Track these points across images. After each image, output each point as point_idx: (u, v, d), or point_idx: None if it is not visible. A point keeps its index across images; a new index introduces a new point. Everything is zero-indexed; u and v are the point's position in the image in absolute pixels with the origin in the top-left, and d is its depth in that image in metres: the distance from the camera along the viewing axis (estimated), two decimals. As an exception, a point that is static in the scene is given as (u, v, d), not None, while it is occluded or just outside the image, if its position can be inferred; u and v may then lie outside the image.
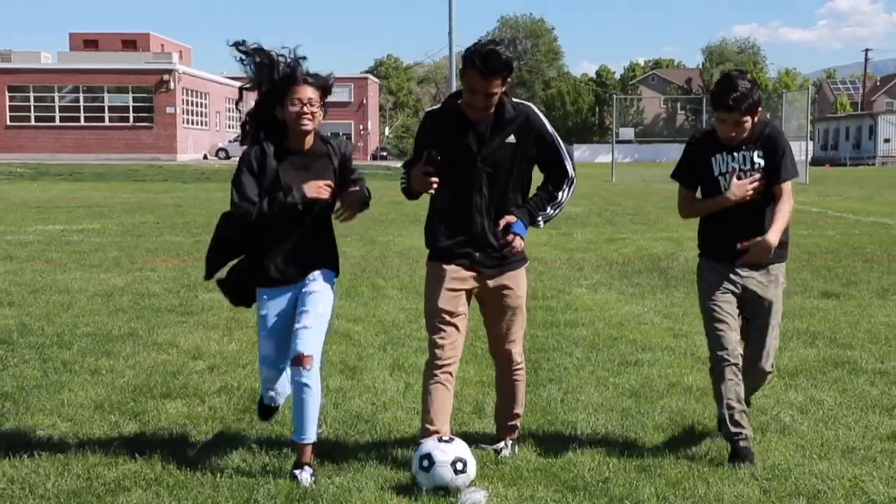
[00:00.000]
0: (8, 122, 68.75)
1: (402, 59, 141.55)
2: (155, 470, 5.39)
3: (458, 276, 5.35)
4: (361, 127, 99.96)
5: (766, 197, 5.50)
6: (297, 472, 5.19)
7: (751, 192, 5.46)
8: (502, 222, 5.30)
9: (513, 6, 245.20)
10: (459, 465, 4.91)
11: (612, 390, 7.12)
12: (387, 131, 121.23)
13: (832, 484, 5.14)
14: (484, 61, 5.03)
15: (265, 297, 5.37)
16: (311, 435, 5.27)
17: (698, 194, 5.76)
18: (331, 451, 5.74)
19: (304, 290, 5.33)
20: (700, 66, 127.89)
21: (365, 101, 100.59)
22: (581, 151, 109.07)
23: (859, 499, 4.98)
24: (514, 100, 5.30)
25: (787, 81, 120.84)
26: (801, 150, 50.44)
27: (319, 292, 5.31)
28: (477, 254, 5.34)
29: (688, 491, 5.04)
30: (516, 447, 5.66)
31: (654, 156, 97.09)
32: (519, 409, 5.72)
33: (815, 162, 68.80)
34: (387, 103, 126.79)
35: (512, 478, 5.25)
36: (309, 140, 5.31)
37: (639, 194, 35.34)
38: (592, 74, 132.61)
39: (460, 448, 5.04)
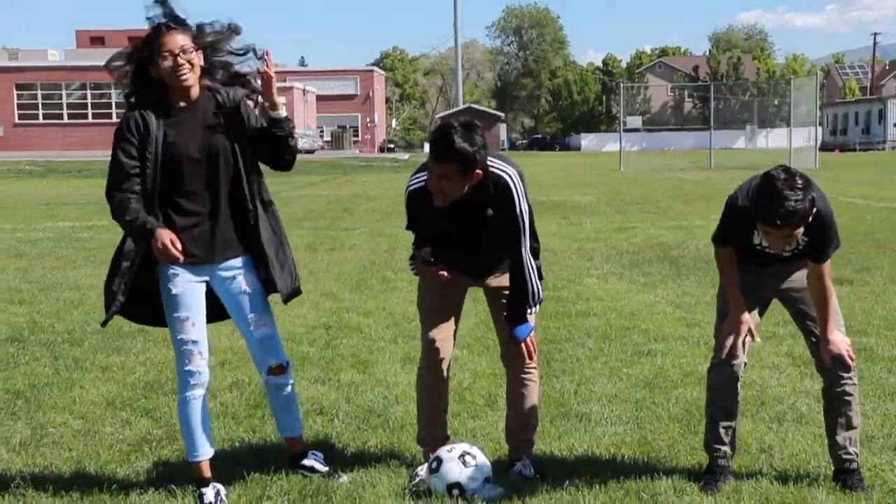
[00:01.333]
0: (16, 120, 68.93)
1: (408, 50, 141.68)
2: (167, 467, 5.37)
3: (454, 275, 5.16)
4: (368, 119, 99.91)
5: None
6: (306, 462, 5.15)
7: None
8: (507, 334, 5.12)
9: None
10: (468, 458, 4.85)
11: (625, 381, 7.07)
12: (394, 123, 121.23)
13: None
14: (433, 141, 4.71)
15: (172, 272, 4.78)
16: (301, 425, 5.28)
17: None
18: (343, 446, 5.71)
19: (235, 288, 4.92)
20: (707, 54, 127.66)
21: (371, 94, 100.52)
22: (588, 140, 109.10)
23: (880, 488, 4.92)
24: (495, 169, 4.87)
25: (794, 67, 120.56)
26: (810, 136, 50.36)
27: (255, 291, 4.95)
28: (471, 270, 5.21)
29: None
30: (532, 467, 5.21)
31: (662, 144, 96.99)
32: (533, 422, 5.34)
33: (825, 147, 68.61)
34: (393, 95, 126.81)
35: (527, 471, 5.20)
36: (193, 93, 4.77)
37: (647, 183, 35.26)
38: (599, 63, 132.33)
39: (466, 445, 5.00)
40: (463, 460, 4.84)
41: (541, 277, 5.07)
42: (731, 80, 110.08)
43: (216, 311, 5.01)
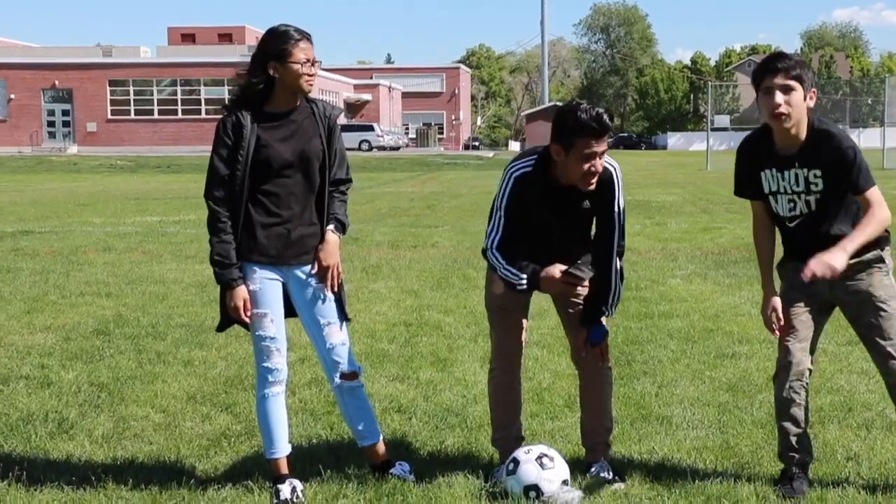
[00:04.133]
0: (109, 116, 70.35)
1: (494, 48, 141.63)
2: (245, 462, 5.40)
3: None
4: (453, 117, 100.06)
5: (835, 208, 4.76)
6: (394, 471, 5.06)
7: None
8: (581, 338, 5.09)
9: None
10: (545, 460, 4.79)
11: (708, 384, 6.94)
12: (479, 121, 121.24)
13: (943, 485, 4.91)
14: (599, 121, 4.65)
15: (250, 269, 4.83)
16: (379, 430, 5.20)
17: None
18: (420, 445, 5.68)
19: (309, 293, 4.91)
20: (798, 52, 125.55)
21: (457, 92, 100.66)
22: (675, 139, 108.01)
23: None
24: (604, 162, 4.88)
25: (890, 66, 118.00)
26: (904, 136, 49.16)
27: (329, 298, 4.93)
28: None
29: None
30: (611, 469, 5.10)
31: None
32: (608, 424, 5.26)
33: (919, 148, 66.85)
34: (479, 93, 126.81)
35: (605, 474, 5.12)
36: (296, 101, 4.84)
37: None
38: (687, 61, 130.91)
39: (544, 447, 4.94)
40: (540, 462, 4.78)
41: (622, 279, 5.01)
42: (823, 78, 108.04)
43: (292, 307, 5.02)
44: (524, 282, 4.89)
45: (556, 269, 4.84)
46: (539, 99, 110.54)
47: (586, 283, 4.93)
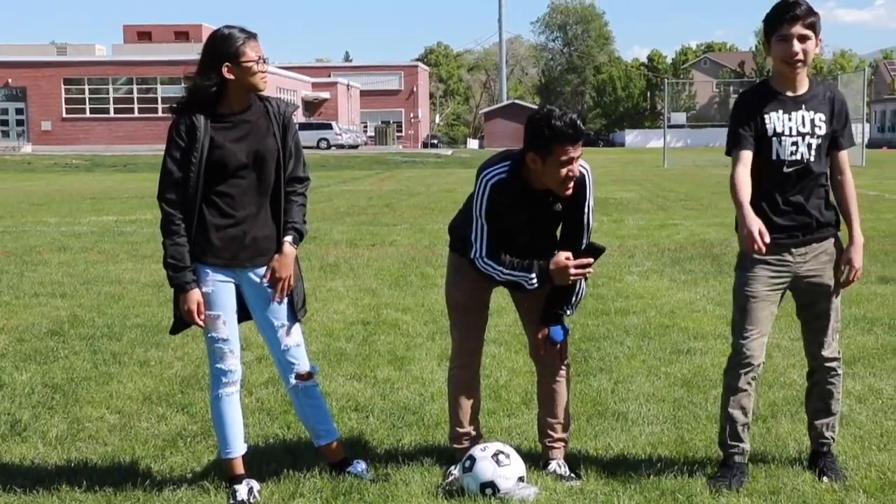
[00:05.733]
0: (64, 115, 69.61)
1: (452, 46, 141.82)
2: (201, 462, 5.37)
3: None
4: (412, 115, 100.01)
5: (821, 164, 4.91)
6: (351, 469, 5.07)
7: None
8: (541, 336, 5.09)
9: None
10: (502, 457, 4.80)
11: (663, 380, 6.99)
12: (437, 119, 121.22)
13: (893, 477, 4.98)
14: (574, 127, 4.66)
15: (203, 271, 4.79)
16: (336, 428, 5.23)
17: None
18: (377, 444, 5.68)
19: (264, 295, 4.88)
20: (753, 49, 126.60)
21: (415, 90, 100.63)
22: (633, 137, 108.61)
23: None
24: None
25: (842, 63, 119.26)
26: (857, 133, 49.65)
27: (284, 300, 4.90)
28: None
29: (742, 484, 4.91)
30: (567, 466, 5.17)
31: (707, 140, 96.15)
32: (566, 421, 5.28)
33: (872, 144, 67.81)
34: (437, 91, 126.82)
35: (561, 470, 5.14)
36: (249, 100, 4.81)
37: (691, 179, 34.99)
38: (644, 59, 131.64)
39: (500, 444, 4.96)
40: (496, 459, 4.80)
41: (586, 278, 5.03)
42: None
43: (246, 311, 5.00)
44: (534, 279, 4.89)
45: (562, 257, 4.86)
46: (497, 97, 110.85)
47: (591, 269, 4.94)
